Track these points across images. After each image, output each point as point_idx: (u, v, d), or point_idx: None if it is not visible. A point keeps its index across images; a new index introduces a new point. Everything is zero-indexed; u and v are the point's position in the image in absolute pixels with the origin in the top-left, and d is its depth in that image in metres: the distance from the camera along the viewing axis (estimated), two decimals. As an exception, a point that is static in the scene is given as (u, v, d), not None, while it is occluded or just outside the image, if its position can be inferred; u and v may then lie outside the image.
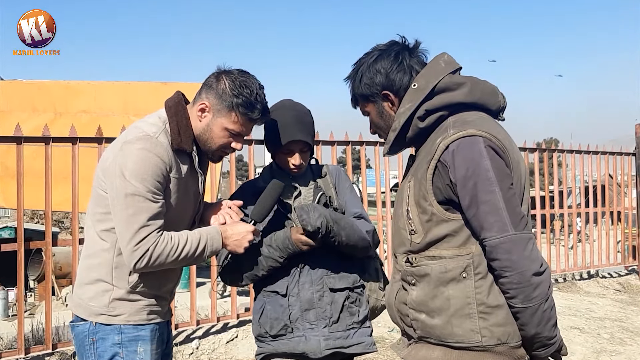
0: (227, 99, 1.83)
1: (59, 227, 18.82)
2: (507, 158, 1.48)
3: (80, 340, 1.87)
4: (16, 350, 4.25)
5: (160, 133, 1.81)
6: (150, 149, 1.75)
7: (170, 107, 1.88)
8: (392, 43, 1.68)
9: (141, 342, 1.86)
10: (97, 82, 9.37)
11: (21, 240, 4.28)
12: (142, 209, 1.73)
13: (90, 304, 1.84)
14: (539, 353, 1.51)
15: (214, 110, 1.85)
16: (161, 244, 1.75)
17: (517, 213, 1.44)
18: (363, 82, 1.66)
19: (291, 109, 2.12)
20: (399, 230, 1.63)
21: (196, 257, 1.84)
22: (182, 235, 1.81)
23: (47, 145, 4.37)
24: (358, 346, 2.14)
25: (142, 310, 1.87)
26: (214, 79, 1.87)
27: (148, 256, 1.73)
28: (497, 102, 1.61)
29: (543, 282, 1.42)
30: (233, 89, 1.82)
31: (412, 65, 1.63)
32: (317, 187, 2.18)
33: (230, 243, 1.91)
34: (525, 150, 7.23)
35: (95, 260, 1.85)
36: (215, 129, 1.87)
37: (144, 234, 1.72)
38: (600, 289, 7.56)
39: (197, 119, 1.87)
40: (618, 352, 4.78)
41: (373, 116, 1.71)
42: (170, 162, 1.80)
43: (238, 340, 4.85)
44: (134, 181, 1.72)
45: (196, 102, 1.89)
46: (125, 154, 1.75)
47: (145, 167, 1.73)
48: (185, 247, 1.80)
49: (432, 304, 1.53)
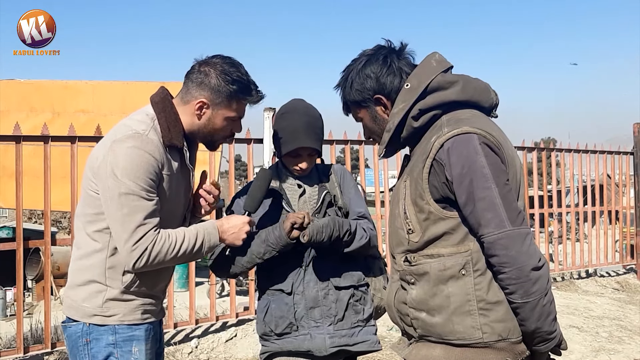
0: (224, 90, 1.82)
1: (57, 227, 18.79)
2: (502, 154, 1.49)
3: (74, 341, 1.84)
4: (15, 349, 4.25)
5: (150, 130, 1.79)
6: (141, 146, 1.73)
7: (157, 102, 1.86)
8: (378, 47, 1.69)
9: (136, 342, 1.84)
10: (95, 81, 9.36)
11: (20, 239, 4.27)
12: (137, 208, 1.71)
13: (84, 305, 1.82)
14: (539, 348, 1.51)
15: (213, 105, 1.84)
16: (159, 242, 1.74)
17: (514, 208, 1.44)
18: (354, 88, 1.67)
19: (303, 114, 2.13)
20: (397, 230, 1.63)
21: (194, 254, 1.83)
22: (179, 232, 1.80)
23: (46, 144, 4.37)
24: (363, 344, 2.15)
25: (136, 310, 1.85)
26: (200, 74, 1.84)
27: (147, 255, 1.72)
28: (489, 99, 1.62)
29: (542, 276, 1.43)
30: (226, 78, 1.82)
31: (401, 68, 1.64)
32: (322, 186, 2.20)
33: (228, 237, 1.90)
34: (523, 150, 7.24)
35: (87, 261, 1.83)
36: (217, 121, 1.87)
37: (141, 233, 1.71)
38: (598, 288, 7.57)
39: (195, 116, 1.86)
40: (616, 350, 4.79)
41: (367, 121, 1.72)
42: (162, 159, 1.78)
43: (237, 339, 4.85)
44: (127, 180, 1.70)
45: (188, 100, 1.86)
46: (116, 153, 1.73)
47: (138, 165, 1.71)
48: (184, 244, 1.79)
49: (432, 302, 1.54)
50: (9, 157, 4.53)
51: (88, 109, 8.65)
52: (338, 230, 2.01)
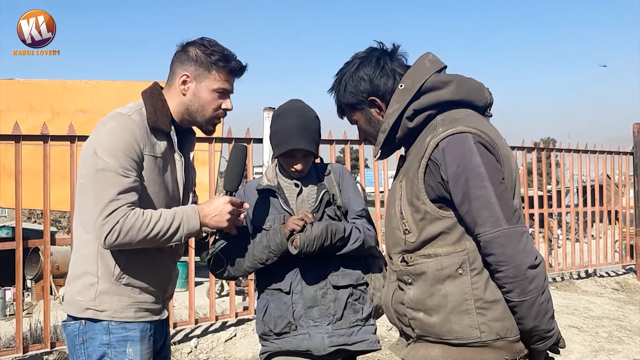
0: (204, 60, 1.86)
1: (56, 226, 18.80)
2: (497, 153, 1.50)
3: (71, 339, 1.84)
4: (14, 349, 4.25)
5: (134, 113, 1.82)
6: (121, 124, 1.76)
7: (145, 92, 1.91)
8: (371, 49, 1.69)
9: (130, 343, 1.81)
10: (95, 81, 9.37)
11: (19, 238, 4.27)
12: (112, 184, 1.70)
13: (78, 298, 1.81)
14: (537, 346, 1.51)
15: (195, 77, 1.87)
16: (131, 218, 1.70)
17: (510, 207, 1.45)
18: (348, 91, 1.67)
19: (298, 115, 2.13)
20: (393, 231, 1.64)
21: (170, 236, 1.77)
22: (155, 212, 1.76)
23: (46, 143, 4.37)
24: (362, 343, 2.15)
25: (129, 307, 1.82)
26: (182, 53, 1.89)
27: (118, 230, 1.68)
28: (483, 98, 1.63)
29: (539, 274, 1.43)
30: (205, 50, 1.86)
31: (394, 69, 1.64)
32: (321, 185, 2.20)
33: (210, 220, 1.84)
34: (523, 150, 7.24)
35: (81, 252, 1.82)
36: (202, 94, 1.88)
37: (113, 207, 1.68)
38: (598, 288, 7.57)
39: (180, 94, 1.88)
40: (616, 350, 4.79)
41: (362, 124, 1.72)
42: (142, 138, 1.79)
43: (236, 339, 4.85)
44: (105, 157, 1.71)
45: (173, 80, 1.90)
46: (98, 133, 1.77)
47: (116, 142, 1.73)
48: (158, 224, 1.74)
49: (429, 302, 1.54)
50: (8, 157, 4.53)
51: (88, 109, 8.66)
52: (330, 239, 2.03)
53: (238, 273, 2.17)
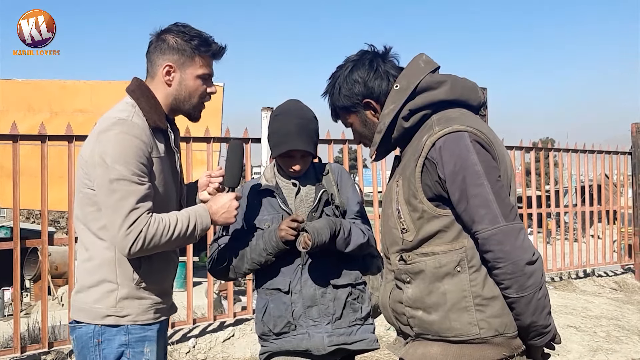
0: (186, 47, 1.84)
1: (54, 226, 18.76)
2: (493, 151, 1.51)
3: (84, 342, 1.80)
4: (12, 349, 4.25)
5: (133, 115, 1.79)
6: (127, 131, 1.73)
7: (133, 90, 1.86)
8: (363, 52, 1.70)
9: (148, 343, 1.82)
10: (93, 81, 9.36)
11: (17, 238, 4.27)
12: (129, 193, 1.69)
13: (96, 306, 1.78)
14: (535, 342, 1.52)
15: (178, 65, 1.85)
16: (153, 225, 1.71)
17: (507, 204, 1.46)
18: (342, 94, 1.67)
19: (296, 115, 2.13)
20: (390, 230, 1.64)
21: (188, 236, 1.81)
22: (172, 216, 1.79)
23: (44, 143, 4.36)
24: (361, 342, 2.15)
25: (149, 309, 1.83)
26: (160, 42, 1.86)
27: (142, 238, 1.69)
28: (477, 97, 1.64)
29: (536, 270, 1.44)
30: (184, 37, 1.84)
31: (387, 71, 1.65)
32: (319, 185, 2.20)
33: (219, 217, 1.89)
34: (521, 150, 7.25)
35: (95, 261, 1.80)
36: (188, 82, 1.87)
37: (134, 217, 1.68)
38: (596, 288, 7.58)
39: (165, 85, 1.86)
40: (614, 350, 4.80)
41: (357, 126, 1.72)
42: (149, 142, 1.78)
43: (235, 339, 4.85)
44: (117, 166, 1.68)
45: (155, 72, 1.87)
46: (103, 142, 1.72)
47: (126, 150, 1.70)
48: (177, 227, 1.77)
49: (428, 300, 1.54)
50: (6, 157, 4.51)
51: (86, 109, 8.64)
52: (335, 229, 2.02)
53: (238, 274, 2.18)
